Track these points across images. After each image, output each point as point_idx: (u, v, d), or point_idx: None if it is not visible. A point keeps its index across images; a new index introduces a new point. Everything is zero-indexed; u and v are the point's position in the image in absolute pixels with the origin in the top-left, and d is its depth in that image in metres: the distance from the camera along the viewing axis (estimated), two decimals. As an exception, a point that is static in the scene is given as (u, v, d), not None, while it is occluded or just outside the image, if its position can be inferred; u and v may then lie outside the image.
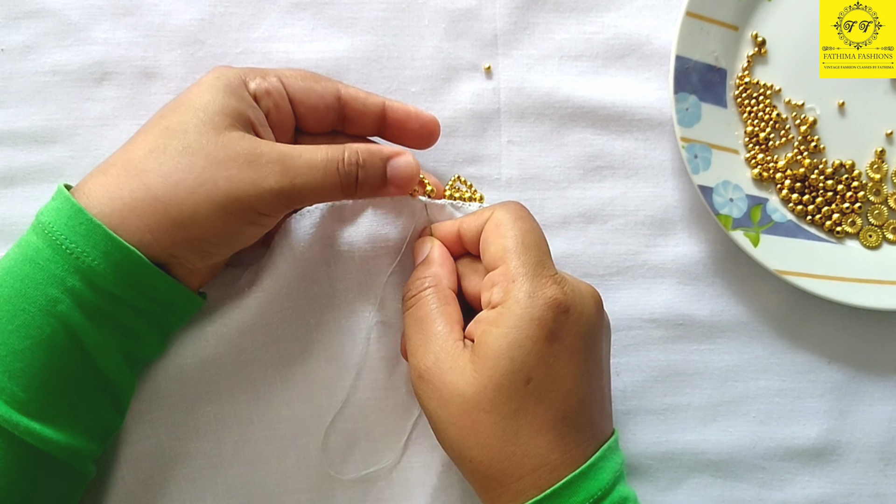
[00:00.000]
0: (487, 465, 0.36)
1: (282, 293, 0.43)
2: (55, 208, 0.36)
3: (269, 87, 0.40)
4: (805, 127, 0.49)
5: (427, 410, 0.39)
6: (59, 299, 0.35)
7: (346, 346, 0.44)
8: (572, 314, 0.37)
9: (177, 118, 0.38)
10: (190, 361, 0.41)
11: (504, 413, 0.36)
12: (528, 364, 0.36)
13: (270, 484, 0.44)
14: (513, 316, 0.36)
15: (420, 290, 0.41)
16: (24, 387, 0.35)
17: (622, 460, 0.39)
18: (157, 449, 0.42)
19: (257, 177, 0.37)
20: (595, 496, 0.36)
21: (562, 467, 0.36)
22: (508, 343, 0.36)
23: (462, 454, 0.37)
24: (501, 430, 0.36)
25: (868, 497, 0.49)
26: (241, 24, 0.48)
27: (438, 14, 0.48)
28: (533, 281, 0.37)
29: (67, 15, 0.47)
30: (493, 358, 0.36)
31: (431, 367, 0.38)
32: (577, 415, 0.37)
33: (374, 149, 0.40)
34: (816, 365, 0.49)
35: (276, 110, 0.40)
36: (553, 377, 0.36)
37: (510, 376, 0.36)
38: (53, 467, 0.36)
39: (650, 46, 0.49)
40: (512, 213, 0.40)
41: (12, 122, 0.47)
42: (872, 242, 0.49)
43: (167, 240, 0.36)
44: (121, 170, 0.37)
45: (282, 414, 0.44)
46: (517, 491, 0.36)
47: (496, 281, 0.38)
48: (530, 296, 0.37)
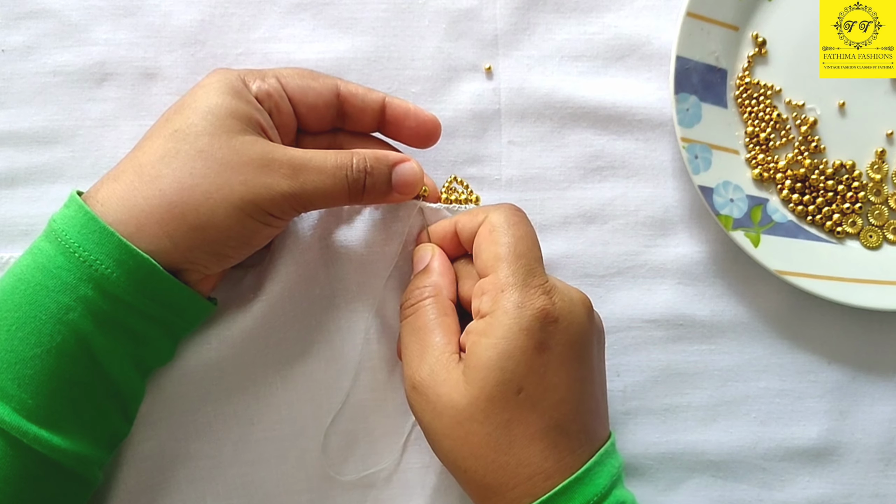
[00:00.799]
0: (482, 475, 0.36)
1: (284, 296, 0.43)
2: (68, 216, 0.36)
3: (270, 88, 0.40)
4: (805, 127, 0.49)
5: (421, 421, 0.39)
6: (70, 307, 0.35)
7: (346, 347, 0.44)
8: (561, 323, 0.37)
9: (185, 121, 0.38)
10: (193, 364, 0.42)
11: (496, 423, 0.36)
12: (519, 374, 0.36)
13: (270, 485, 0.44)
14: (502, 327, 0.36)
15: (419, 300, 0.41)
16: (33, 394, 0.35)
17: (620, 464, 0.39)
18: (158, 450, 0.42)
19: (271, 181, 0.37)
20: (591, 501, 0.36)
21: (556, 475, 0.36)
22: (498, 354, 0.36)
23: (457, 465, 0.37)
24: (495, 440, 0.36)
25: (868, 497, 0.49)
26: (241, 25, 0.48)
27: (439, 14, 0.48)
28: (522, 291, 0.37)
29: (68, 15, 0.48)
30: (484, 369, 0.36)
31: (426, 378, 0.38)
32: (571, 422, 0.37)
33: (380, 155, 0.41)
34: (817, 365, 0.49)
35: (277, 112, 0.40)
36: (545, 386, 0.36)
37: (501, 387, 0.36)
38: (61, 474, 0.36)
39: (650, 47, 0.49)
40: (506, 218, 0.39)
41: (13, 123, 0.47)
42: (873, 243, 0.49)
43: (186, 245, 0.36)
44: (133, 176, 0.37)
45: (282, 415, 0.44)
46: (512, 499, 0.36)
47: (486, 289, 0.38)
48: (519, 306, 0.37)
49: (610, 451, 0.38)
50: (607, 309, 0.48)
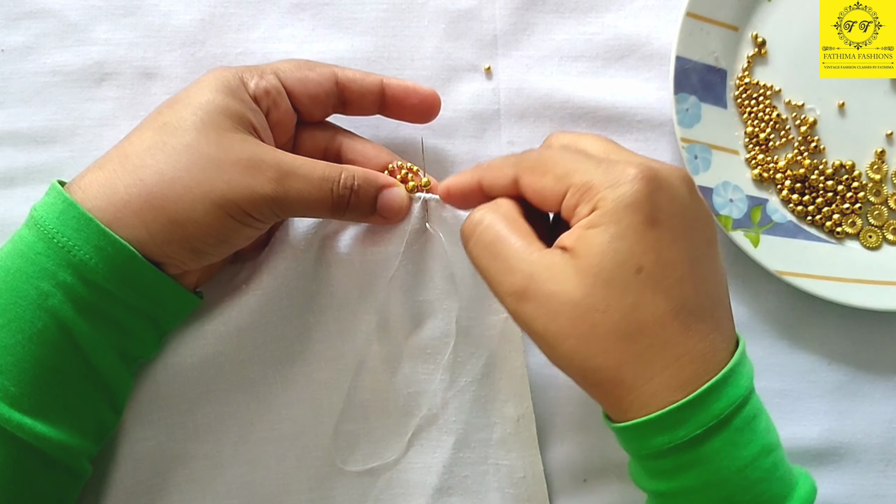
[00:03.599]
0: (615, 371, 0.34)
1: (281, 291, 0.43)
2: (48, 203, 0.36)
3: (268, 85, 0.40)
4: (805, 127, 0.49)
5: (534, 332, 0.35)
6: (50, 293, 0.35)
7: (347, 346, 0.44)
8: (666, 192, 0.35)
9: (176, 115, 0.37)
10: (189, 361, 0.42)
11: (621, 309, 0.33)
12: (635, 253, 0.34)
13: (270, 484, 0.44)
14: (605, 212, 0.34)
15: (479, 220, 0.37)
16: (16, 382, 0.35)
17: (753, 368, 0.36)
18: (157, 450, 0.42)
19: (255, 182, 0.37)
20: (736, 401, 0.34)
21: (693, 363, 0.34)
22: (610, 237, 0.34)
23: (584, 365, 0.34)
24: (623, 328, 0.33)
25: (868, 497, 0.49)
26: (240, 25, 0.48)
27: (438, 15, 0.48)
28: (611, 170, 0.35)
29: (67, 15, 0.48)
30: (597, 255, 0.34)
31: (527, 284, 0.35)
32: (697, 305, 0.34)
33: (370, 176, 0.40)
34: (817, 365, 0.49)
35: (275, 108, 0.40)
36: (663, 263, 0.34)
37: (618, 269, 0.33)
38: (47, 464, 0.36)
39: (650, 47, 0.49)
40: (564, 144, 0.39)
41: (12, 123, 0.47)
42: (872, 243, 0.49)
43: (163, 237, 0.36)
44: (117, 165, 0.37)
45: (281, 414, 0.44)
46: (650, 394, 0.34)
47: (576, 201, 0.35)
48: (616, 184, 0.34)
49: (744, 352, 0.36)
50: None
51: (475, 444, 0.45)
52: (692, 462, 0.34)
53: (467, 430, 0.45)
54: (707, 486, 0.34)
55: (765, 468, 0.34)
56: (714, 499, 0.34)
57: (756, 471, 0.34)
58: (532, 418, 0.45)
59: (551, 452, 0.47)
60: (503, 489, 0.45)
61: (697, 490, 0.34)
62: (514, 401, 0.45)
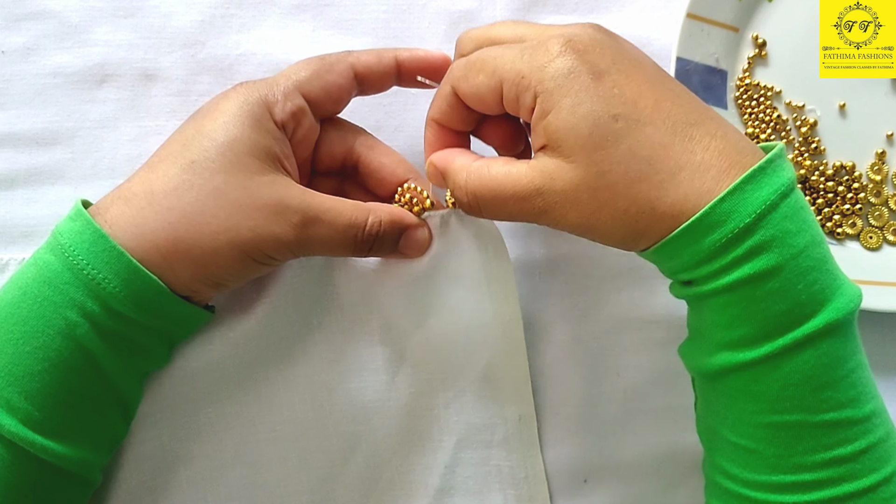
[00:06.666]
0: (650, 208, 0.34)
1: (287, 298, 0.43)
2: (75, 230, 0.36)
3: (293, 107, 0.39)
4: (805, 128, 0.49)
5: (576, 228, 0.36)
6: (78, 324, 0.35)
7: (349, 348, 0.44)
8: (588, 43, 0.35)
9: (203, 153, 0.37)
10: (195, 365, 0.42)
11: (621, 159, 0.34)
12: (601, 106, 0.34)
13: (272, 486, 0.44)
14: (550, 93, 0.35)
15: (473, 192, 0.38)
16: (40, 407, 0.35)
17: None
18: (159, 450, 0.42)
19: (279, 230, 0.37)
20: (780, 189, 0.33)
21: (717, 159, 0.34)
22: (569, 109, 0.34)
23: (626, 221, 0.35)
24: (635, 172, 0.34)
25: (868, 497, 0.49)
26: (241, 26, 0.48)
27: (439, 16, 0.48)
28: (535, 54, 0.35)
29: (68, 17, 0.47)
30: (571, 131, 0.34)
31: (541, 199, 0.36)
32: (685, 115, 0.35)
33: (396, 218, 0.40)
34: (816, 365, 0.49)
35: (299, 128, 0.40)
36: (631, 99, 0.34)
37: (597, 128, 0.34)
38: (65, 479, 0.37)
39: (651, 48, 0.49)
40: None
41: (13, 124, 0.47)
42: (873, 244, 0.49)
43: (188, 277, 0.37)
44: (144, 202, 0.37)
45: (283, 416, 0.44)
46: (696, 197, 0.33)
47: (514, 94, 0.36)
48: (545, 65, 0.35)
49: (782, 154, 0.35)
50: (608, 310, 0.48)
51: (477, 444, 0.45)
52: (745, 254, 0.33)
53: (469, 431, 0.45)
54: (761, 276, 0.33)
55: (815, 257, 0.34)
56: (768, 291, 0.33)
57: (807, 259, 0.33)
58: (533, 418, 0.45)
59: (551, 452, 0.47)
60: (505, 490, 0.45)
61: (752, 281, 0.33)
62: (515, 401, 0.45)
